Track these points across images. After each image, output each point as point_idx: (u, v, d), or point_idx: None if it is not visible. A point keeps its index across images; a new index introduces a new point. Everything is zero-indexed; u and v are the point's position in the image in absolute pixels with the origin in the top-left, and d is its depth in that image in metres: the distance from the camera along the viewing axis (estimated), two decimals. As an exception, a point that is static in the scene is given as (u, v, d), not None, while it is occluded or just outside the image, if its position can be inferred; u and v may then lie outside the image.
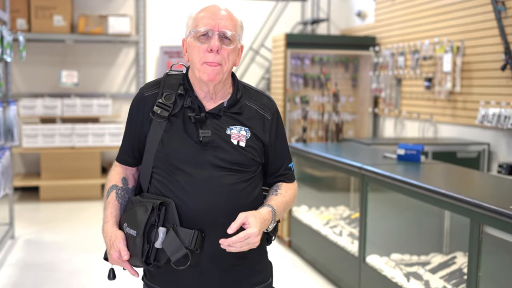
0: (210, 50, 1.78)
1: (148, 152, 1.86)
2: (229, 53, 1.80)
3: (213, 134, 1.81)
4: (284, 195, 1.93)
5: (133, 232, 1.77)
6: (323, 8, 7.98)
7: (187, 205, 1.78)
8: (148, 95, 1.89)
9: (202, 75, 1.80)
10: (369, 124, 7.21)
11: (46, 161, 7.08)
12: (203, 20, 1.80)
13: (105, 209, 1.89)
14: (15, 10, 6.96)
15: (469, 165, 4.87)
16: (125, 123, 1.97)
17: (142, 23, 7.57)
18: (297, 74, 7.32)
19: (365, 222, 3.83)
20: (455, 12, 5.52)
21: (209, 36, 1.79)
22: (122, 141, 1.97)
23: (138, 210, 1.79)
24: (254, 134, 1.87)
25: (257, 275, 1.93)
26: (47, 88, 7.56)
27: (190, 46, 1.84)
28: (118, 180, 1.93)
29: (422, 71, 6.02)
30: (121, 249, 1.77)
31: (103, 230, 1.86)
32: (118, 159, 1.97)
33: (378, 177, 3.68)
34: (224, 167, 1.80)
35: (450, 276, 3.59)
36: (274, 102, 1.98)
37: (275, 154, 1.94)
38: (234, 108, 1.87)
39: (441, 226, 4.12)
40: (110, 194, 1.90)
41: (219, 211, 1.79)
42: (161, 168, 1.83)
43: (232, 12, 1.85)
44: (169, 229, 1.75)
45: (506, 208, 2.60)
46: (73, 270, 4.59)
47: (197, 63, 1.81)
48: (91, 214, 6.39)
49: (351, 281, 3.97)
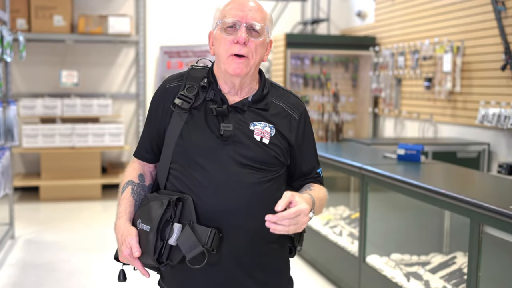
0: (236, 42, 1.70)
1: (167, 146, 1.77)
2: (256, 46, 1.72)
3: (235, 129, 1.72)
4: (319, 192, 1.82)
5: (146, 227, 1.68)
6: (323, 8, 7.98)
7: (205, 203, 1.69)
8: (170, 86, 1.82)
9: (227, 68, 1.72)
10: (369, 124, 7.21)
11: (46, 161, 7.08)
12: (230, 12, 1.72)
13: (119, 205, 1.81)
14: (15, 10, 6.96)
15: (469, 165, 4.87)
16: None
17: (142, 23, 7.57)
18: (297, 74, 7.32)
19: (365, 222, 3.83)
20: (455, 12, 5.52)
21: (237, 28, 1.71)
22: (141, 135, 1.89)
23: (153, 204, 1.71)
24: (279, 131, 1.77)
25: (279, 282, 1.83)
26: (47, 88, 7.56)
27: (217, 39, 1.75)
28: (134, 176, 1.85)
29: (422, 71, 6.02)
30: (132, 245, 1.69)
31: (115, 226, 1.77)
32: (136, 154, 1.89)
33: (378, 177, 3.68)
34: (245, 164, 1.71)
35: (450, 276, 3.59)
36: (302, 102, 1.87)
37: (303, 156, 1.84)
38: (260, 104, 1.78)
39: (441, 226, 4.12)
40: (126, 189, 1.82)
41: (239, 211, 1.69)
42: (179, 163, 1.74)
43: (261, 4, 1.76)
44: (185, 225, 1.66)
45: (506, 208, 2.60)
46: (73, 270, 4.59)
47: (223, 55, 1.72)
48: (91, 214, 6.39)
49: (351, 281, 3.97)
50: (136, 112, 7.74)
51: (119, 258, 1.77)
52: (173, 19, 7.76)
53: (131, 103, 7.80)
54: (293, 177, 1.87)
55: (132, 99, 7.79)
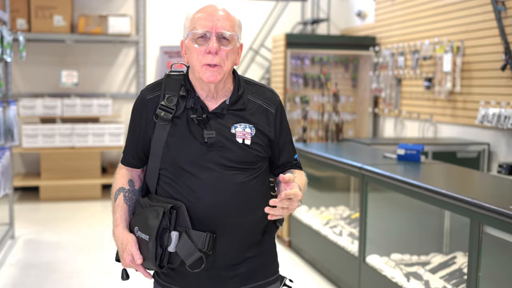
0: (208, 52, 1.77)
1: (154, 155, 1.85)
2: (228, 54, 1.79)
3: (218, 134, 1.80)
4: (301, 179, 1.92)
5: (145, 236, 1.77)
6: (323, 8, 7.98)
7: (198, 207, 1.78)
8: (150, 97, 1.88)
9: (202, 76, 1.79)
10: (369, 124, 7.21)
11: (46, 161, 7.08)
12: (200, 22, 1.79)
13: (114, 212, 1.91)
14: (15, 10, 6.96)
15: (469, 165, 4.87)
16: (127, 125, 1.98)
17: (142, 23, 7.57)
18: (297, 74, 7.32)
19: (365, 222, 3.83)
20: (455, 12, 5.52)
21: (207, 37, 1.78)
22: (126, 143, 1.96)
23: (149, 214, 1.79)
24: (259, 130, 1.86)
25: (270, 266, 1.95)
26: (47, 88, 7.56)
27: (188, 48, 1.83)
28: (124, 183, 1.93)
29: (422, 71, 6.02)
30: (134, 253, 1.79)
31: (114, 234, 1.87)
32: (123, 161, 1.97)
33: (378, 177, 3.68)
34: (231, 166, 1.80)
35: (450, 276, 3.59)
36: (277, 95, 1.96)
37: (281, 146, 1.94)
38: (237, 105, 1.86)
39: (441, 226, 4.12)
40: (118, 197, 1.91)
41: (230, 210, 1.79)
42: (168, 170, 1.82)
43: (229, 12, 1.84)
44: (182, 232, 1.75)
45: (506, 208, 2.60)
46: (73, 270, 4.59)
47: (196, 65, 1.80)
48: (91, 214, 6.39)
49: (351, 281, 3.97)
50: (136, 112, 7.73)
51: (122, 264, 1.86)
52: (173, 19, 7.76)
53: (131, 103, 7.78)
54: (272, 165, 1.96)
55: (132, 99, 7.78)
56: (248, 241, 1.86)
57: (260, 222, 1.86)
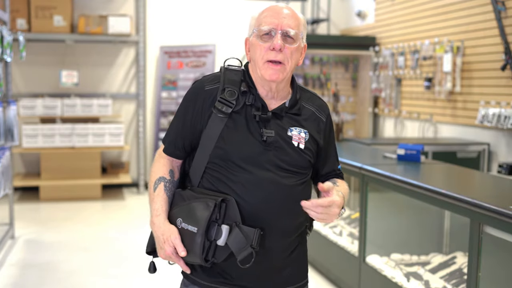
0: (272, 48, 1.77)
1: (204, 147, 1.81)
2: (292, 52, 1.79)
3: (276, 135, 1.80)
4: (344, 188, 1.93)
5: (192, 228, 1.73)
6: (323, 8, 7.98)
7: (247, 204, 1.76)
8: (209, 88, 1.84)
9: (264, 74, 1.79)
10: (369, 124, 7.21)
11: (46, 161, 7.08)
12: (266, 19, 1.80)
13: (152, 201, 1.85)
14: (15, 10, 6.96)
15: (469, 165, 4.87)
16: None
17: (142, 23, 7.57)
18: (297, 74, 7.32)
19: (365, 222, 3.83)
20: (455, 12, 5.52)
21: (272, 35, 1.78)
22: (170, 132, 1.91)
23: (197, 206, 1.75)
24: (311, 136, 1.87)
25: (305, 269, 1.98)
26: (47, 88, 7.56)
27: (253, 45, 1.82)
28: (165, 172, 1.88)
29: (422, 71, 6.02)
30: (177, 245, 1.75)
31: (153, 224, 1.82)
32: (166, 150, 1.91)
33: (378, 177, 3.68)
34: (285, 169, 1.80)
35: (450, 276, 3.59)
36: (327, 104, 1.99)
37: (327, 155, 1.96)
38: (294, 109, 1.86)
39: (441, 226, 4.12)
40: (158, 186, 1.86)
41: (279, 212, 1.79)
42: (218, 164, 1.79)
43: (295, 11, 1.83)
44: (233, 226, 1.73)
45: (506, 208, 2.60)
46: (73, 270, 4.59)
47: (259, 61, 1.79)
48: (91, 214, 6.39)
49: (351, 281, 3.97)
50: (136, 112, 7.74)
51: (160, 256, 1.82)
52: (173, 19, 7.76)
53: (131, 103, 7.80)
54: (317, 174, 1.97)
55: (132, 99, 7.79)
56: (288, 244, 1.86)
57: (300, 227, 1.88)
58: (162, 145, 1.94)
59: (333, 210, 1.71)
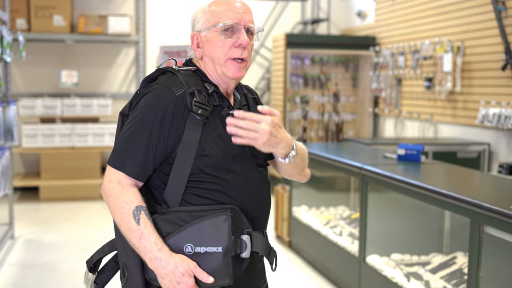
0: (239, 45, 1.67)
1: (184, 158, 1.63)
2: (251, 48, 1.73)
3: None
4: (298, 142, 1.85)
5: (212, 249, 1.57)
6: (323, 8, 7.98)
7: (246, 207, 1.68)
8: (178, 94, 1.65)
9: (226, 71, 1.69)
10: (369, 124, 7.21)
11: (46, 161, 7.08)
12: (227, 14, 1.67)
13: (142, 236, 1.58)
14: (15, 10, 6.96)
15: (469, 165, 4.87)
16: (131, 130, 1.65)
17: (142, 23, 7.57)
18: (297, 74, 7.32)
19: (365, 222, 3.83)
20: (455, 12, 5.52)
21: (234, 30, 1.68)
22: (132, 151, 1.65)
23: (209, 224, 1.59)
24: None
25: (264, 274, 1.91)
26: (47, 88, 7.56)
27: (210, 41, 1.69)
28: (139, 199, 1.63)
29: (422, 71, 6.02)
30: (200, 273, 1.57)
31: (159, 260, 1.56)
32: (129, 172, 1.64)
33: (378, 177, 3.68)
34: (260, 165, 1.77)
35: (451, 276, 3.59)
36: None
37: None
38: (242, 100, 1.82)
39: (441, 226, 4.12)
40: (140, 217, 1.59)
41: (267, 208, 1.78)
42: (206, 173, 1.64)
43: (247, 5, 1.74)
44: (252, 235, 1.64)
45: (506, 208, 2.60)
46: (73, 270, 4.59)
47: (221, 58, 1.68)
48: (91, 214, 6.39)
49: (351, 281, 3.97)
50: (136, 112, 7.73)
51: None
52: (173, 19, 7.76)
53: (131, 103, 7.80)
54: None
55: (132, 99, 7.79)
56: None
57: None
58: (113, 170, 1.66)
59: (263, 128, 1.59)
